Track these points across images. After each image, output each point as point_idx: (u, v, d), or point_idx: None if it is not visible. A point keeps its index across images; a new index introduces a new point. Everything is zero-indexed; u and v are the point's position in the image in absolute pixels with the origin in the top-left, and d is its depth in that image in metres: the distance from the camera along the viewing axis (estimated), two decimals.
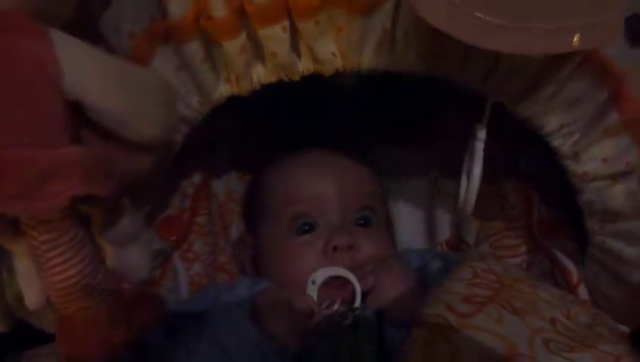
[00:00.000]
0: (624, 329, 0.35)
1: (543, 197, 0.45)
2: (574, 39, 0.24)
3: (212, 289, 0.43)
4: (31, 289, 0.26)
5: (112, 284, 0.28)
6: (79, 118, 0.25)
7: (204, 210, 0.49)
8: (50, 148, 0.23)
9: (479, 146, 0.35)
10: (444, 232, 0.50)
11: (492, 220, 0.47)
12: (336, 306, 0.39)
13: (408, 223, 0.53)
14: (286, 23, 0.29)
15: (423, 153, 0.51)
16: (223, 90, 0.33)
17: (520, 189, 0.47)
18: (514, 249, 0.46)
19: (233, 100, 0.35)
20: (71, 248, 0.25)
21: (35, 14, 0.25)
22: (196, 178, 0.48)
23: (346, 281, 0.40)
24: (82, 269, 0.25)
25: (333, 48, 0.31)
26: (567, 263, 0.42)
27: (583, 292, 0.41)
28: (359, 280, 0.40)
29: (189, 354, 0.33)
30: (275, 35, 0.30)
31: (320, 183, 0.43)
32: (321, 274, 0.40)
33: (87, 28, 0.30)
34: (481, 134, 0.34)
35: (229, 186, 0.52)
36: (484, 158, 0.39)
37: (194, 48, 0.31)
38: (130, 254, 0.32)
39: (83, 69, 0.24)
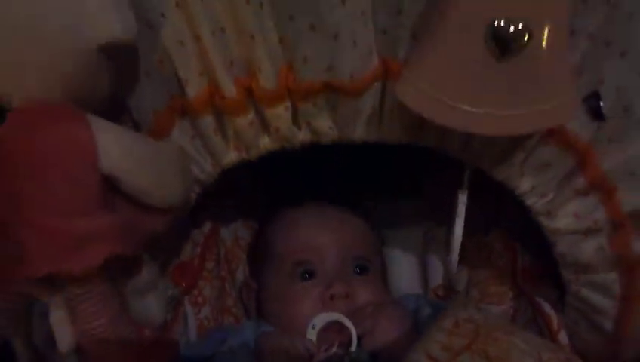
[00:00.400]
0: None
1: (526, 247, 0.49)
2: (524, 124, 0.28)
3: (219, 333, 0.46)
4: (64, 334, 0.30)
5: (135, 331, 0.32)
6: (111, 189, 0.29)
7: (213, 256, 0.52)
8: (86, 217, 0.27)
9: (461, 209, 0.39)
10: (437, 278, 0.54)
11: (480, 269, 0.50)
12: (334, 349, 0.43)
13: (404, 270, 0.56)
14: (288, 103, 0.34)
15: (416, 205, 0.55)
16: (233, 156, 0.38)
17: (505, 240, 0.50)
18: (501, 296, 0.50)
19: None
20: (101, 300, 0.29)
21: (75, 100, 0.30)
22: (206, 227, 0.52)
23: (344, 326, 0.44)
24: (111, 318, 0.29)
25: (329, 123, 0.35)
26: (549, 310, 0.46)
27: (563, 338, 0.45)
28: (356, 324, 0.44)
29: None
30: (279, 114, 0.34)
31: (320, 234, 0.47)
32: (321, 320, 0.44)
33: (115, 105, 0.35)
34: (462, 198, 0.38)
35: (236, 233, 0.56)
36: (472, 213, 0.43)
37: (208, 121, 0.36)
38: (148, 302, 0.36)
39: (116, 150, 0.28)
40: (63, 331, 0.29)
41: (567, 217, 0.40)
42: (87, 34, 0.28)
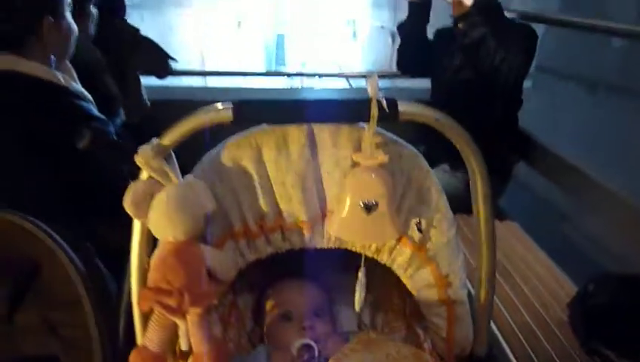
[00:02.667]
0: None
1: (410, 298, 0.89)
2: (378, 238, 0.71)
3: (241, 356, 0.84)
4: (184, 341, 0.68)
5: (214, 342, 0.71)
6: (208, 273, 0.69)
7: (234, 315, 0.91)
8: (202, 284, 0.67)
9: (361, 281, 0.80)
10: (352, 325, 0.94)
11: (383, 312, 0.91)
12: (306, 359, 0.81)
13: (348, 316, 0.96)
14: (279, 231, 0.76)
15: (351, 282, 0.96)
16: (253, 258, 0.78)
17: (399, 296, 0.91)
18: (397, 328, 0.90)
19: None
20: (203, 326, 0.68)
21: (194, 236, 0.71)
22: (230, 297, 0.91)
23: (311, 346, 0.83)
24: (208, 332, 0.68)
25: (300, 239, 0.77)
26: (420, 332, 0.86)
27: (428, 345, 0.84)
28: (319, 347, 0.83)
29: None
30: (276, 237, 0.76)
31: (294, 295, 0.88)
32: (299, 342, 0.83)
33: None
34: (363, 272, 0.80)
35: (245, 301, 0.95)
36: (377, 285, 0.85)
37: (242, 242, 0.77)
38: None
39: (211, 259, 0.68)
40: (184, 339, 0.68)
41: (418, 280, 0.81)
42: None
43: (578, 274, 1.50)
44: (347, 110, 0.70)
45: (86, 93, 1.14)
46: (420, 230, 0.78)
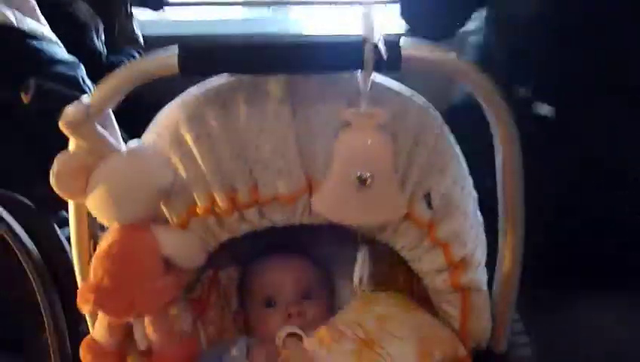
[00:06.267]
0: None
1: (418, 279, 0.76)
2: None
3: (222, 345, 0.73)
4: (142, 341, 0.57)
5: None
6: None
7: (215, 292, 0.79)
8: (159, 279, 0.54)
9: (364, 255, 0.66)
10: None
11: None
12: (293, 348, 0.69)
13: (347, 291, 0.83)
14: (255, 207, 0.62)
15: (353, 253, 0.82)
16: (226, 235, 0.65)
17: (406, 274, 0.78)
18: None
19: None
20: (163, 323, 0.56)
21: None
22: (209, 272, 0.79)
23: (297, 333, 0.70)
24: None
25: (281, 216, 0.63)
26: None
27: None
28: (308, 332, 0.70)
29: None
30: (252, 212, 0.62)
31: (277, 275, 0.74)
32: (283, 331, 0.71)
33: None
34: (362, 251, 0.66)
35: (228, 275, 0.83)
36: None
37: (211, 219, 0.63)
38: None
39: (170, 244, 0.55)
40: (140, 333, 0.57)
41: (426, 263, 0.67)
42: None
43: None
44: (334, 54, 0.53)
45: (46, 31, 0.98)
46: (429, 205, 0.63)
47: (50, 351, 0.69)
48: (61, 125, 0.51)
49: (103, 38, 1.32)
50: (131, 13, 1.61)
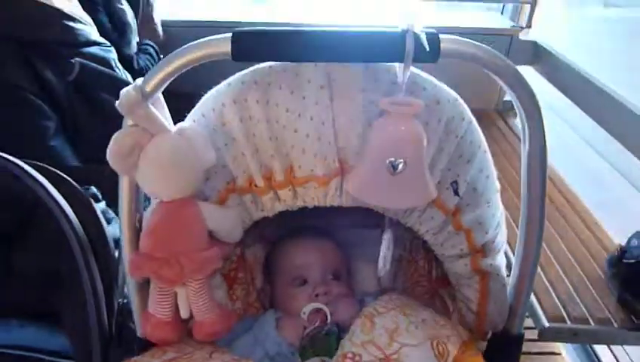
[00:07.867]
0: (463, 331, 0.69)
1: (438, 262, 0.79)
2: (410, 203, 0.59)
3: (249, 317, 0.77)
4: (184, 309, 0.60)
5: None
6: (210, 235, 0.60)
7: (241, 270, 0.83)
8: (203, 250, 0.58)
9: (388, 240, 0.69)
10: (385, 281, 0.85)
11: (406, 274, 0.81)
12: (317, 323, 0.73)
13: (366, 276, 0.87)
14: (290, 187, 0.65)
15: (376, 234, 0.85)
16: (260, 214, 0.68)
17: (425, 258, 0.81)
18: (422, 295, 0.80)
19: None
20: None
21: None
22: (237, 250, 0.83)
23: (323, 311, 0.74)
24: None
25: (314, 196, 0.66)
26: (448, 301, 0.76)
27: (454, 317, 0.75)
28: (330, 310, 0.74)
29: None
30: (286, 193, 0.65)
31: (309, 256, 0.78)
32: (309, 307, 0.74)
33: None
34: (387, 235, 0.69)
35: (255, 254, 0.87)
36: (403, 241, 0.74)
37: (248, 197, 0.66)
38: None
39: (213, 218, 0.59)
40: (184, 305, 0.60)
41: (448, 248, 0.70)
42: None
43: None
44: (378, 45, 0.56)
45: (82, 15, 1.01)
46: (456, 192, 0.66)
47: (89, 321, 0.72)
48: (118, 105, 0.54)
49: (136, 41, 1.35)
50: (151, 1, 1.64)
